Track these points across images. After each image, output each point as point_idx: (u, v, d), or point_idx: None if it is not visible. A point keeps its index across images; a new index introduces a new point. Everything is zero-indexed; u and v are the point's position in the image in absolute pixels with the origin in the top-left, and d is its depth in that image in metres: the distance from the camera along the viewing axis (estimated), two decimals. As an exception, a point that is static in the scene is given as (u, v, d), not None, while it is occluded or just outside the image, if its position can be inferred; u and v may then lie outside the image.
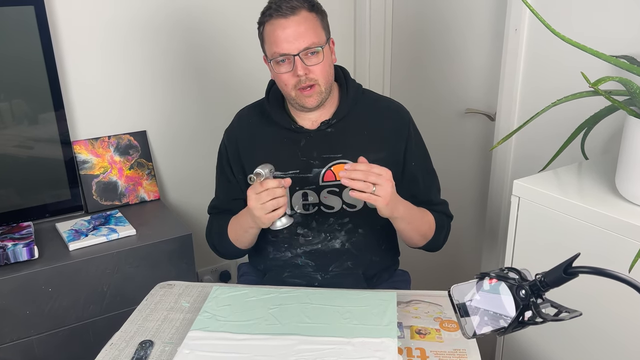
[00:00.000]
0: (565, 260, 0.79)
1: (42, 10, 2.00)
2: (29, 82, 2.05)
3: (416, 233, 1.55)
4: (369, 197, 1.32)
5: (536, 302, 0.81)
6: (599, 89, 1.14)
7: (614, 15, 1.62)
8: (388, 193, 1.33)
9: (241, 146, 1.61)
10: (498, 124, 2.05)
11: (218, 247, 1.67)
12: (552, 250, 1.39)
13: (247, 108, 1.69)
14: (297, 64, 1.43)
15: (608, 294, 1.27)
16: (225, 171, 1.66)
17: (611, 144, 1.69)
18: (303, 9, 1.43)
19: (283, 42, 1.42)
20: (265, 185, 1.35)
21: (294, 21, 1.42)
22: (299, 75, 1.44)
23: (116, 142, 2.31)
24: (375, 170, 1.32)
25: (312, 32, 1.44)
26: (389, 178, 1.34)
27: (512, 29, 1.90)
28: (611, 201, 1.31)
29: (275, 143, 1.57)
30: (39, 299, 1.87)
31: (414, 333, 1.31)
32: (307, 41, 1.43)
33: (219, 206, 1.69)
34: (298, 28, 1.42)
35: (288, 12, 1.42)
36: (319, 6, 1.50)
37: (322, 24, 1.49)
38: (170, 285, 1.56)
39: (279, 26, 1.43)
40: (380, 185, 1.31)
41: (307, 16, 1.44)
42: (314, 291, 1.46)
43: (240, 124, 1.65)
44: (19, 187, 2.11)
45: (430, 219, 1.58)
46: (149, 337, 1.32)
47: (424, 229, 1.56)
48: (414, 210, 1.51)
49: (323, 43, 1.46)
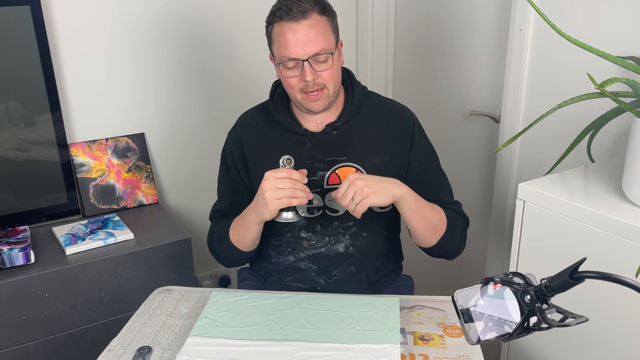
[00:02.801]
0: (571, 265, 0.79)
1: (38, 10, 2.01)
2: (25, 84, 2.06)
3: (426, 223, 1.50)
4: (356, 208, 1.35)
5: (541, 308, 0.81)
6: (605, 91, 1.14)
7: (621, 15, 1.62)
8: (370, 192, 1.34)
9: (246, 148, 1.61)
10: (502, 126, 2.06)
11: (218, 251, 1.65)
12: (558, 255, 1.39)
13: (250, 110, 1.69)
14: (305, 69, 1.43)
15: (615, 299, 1.27)
16: (231, 171, 1.65)
17: (618, 146, 1.69)
18: (314, 12, 1.42)
19: (293, 47, 1.41)
20: (290, 173, 1.35)
21: (305, 25, 1.40)
22: (307, 80, 1.43)
23: (114, 144, 2.31)
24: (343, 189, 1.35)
25: (323, 37, 1.42)
26: (351, 182, 1.35)
27: (517, 29, 1.91)
28: (618, 205, 1.31)
29: (279, 145, 1.57)
30: (35, 304, 1.88)
31: (417, 339, 1.31)
32: (317, 47, 1.41)
33: (222, 209, 1.68)
34: (309, 33, 1.41)
35: (299, 16, 1.40)
36: (330, 8, 1.48)
37: (332, 26, 1.47)
38: (169, 290, 1.56)
39: (289, 29, 1.41)
40: (357, 194, 1.34)
41: (319, 20, 1.42)
42: (315, 296, 1.46)
43: (245, 125, 1.65)
44: (15, 191, 2.12)
45: (440, 211, 1.53)
46: (147, 343, 1.33)
47: (433, 219, 1.50)
48: (421, 200, 1.48)
49: (333, 48, 1.45)
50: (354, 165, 1.55)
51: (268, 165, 1.48)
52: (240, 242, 1.57)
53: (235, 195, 1.66)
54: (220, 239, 1.62)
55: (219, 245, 1.63)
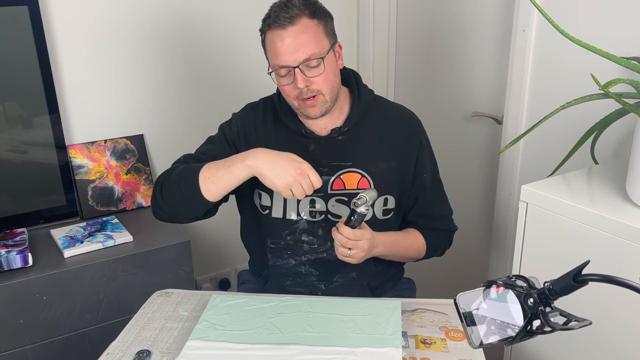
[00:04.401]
0: (574, 268, 0.79)
1: (36, 10, 2.01)
2: (23, 85, 2.06)
3: (400, 259, 1.66)
4: (343, 258, 1.44)
5: (545, 311, 0.81)
6: (609, 92, 1.14)
7: (625, 15, 1.62)
8: (359, 258, 1.44)
9: (251, 136, 1.58)
10: (505, 128, 2.06)
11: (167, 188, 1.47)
12: (561, 258, 1.39)
13: (261, 102, 1.65)
14: (297, 77, 1.42)
15: (619, 303, 1.27)
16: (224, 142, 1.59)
17: (622, 148, 1.69)
18: (303, 16, 1.40)
19: (282, 54, 1.41)
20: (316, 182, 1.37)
21: (293, 31, 1.40)
22: (299, 87, 1.43)
23: (112, 146, 2.32)
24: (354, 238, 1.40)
25: (313, 41, 1.41)
26: (364, 246, 1.42)
27: (520, 30, 1.91)
28: (622, 207, 1.31)
29: (284, 144, 1.56)
30: (33, 307, 1.88)
31: (419, 342, 1.31)
32: (306, 52, 1.41)
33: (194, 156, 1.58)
34: (297, 39, 1.40)
35: (286, 23, 1.39)
36: (322, 10, 1.46)
37: (325, 30, 1.45)
38: (168, 293, 1.56)
39: (277, 37, 1.41)
40: (354, 250, 1.42)
41: (308, 24, 1.41)
42: (316, 299, 1.46)
43: (256, 114, 1.62)
44: (13, 193, 2.12)
45: (419, 245, 1.64)
46: (146, 346, 1.33)
47: (409, 254, 1.65)
48: (397, 244, 1.59)
49: (325, 52, 1.43)
50: (358, 171, 1.55)
51: None
52: (211, 183, 1.40)
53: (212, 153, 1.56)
54: (182, 173, 1.45)
55: (175, 181, 1.45)
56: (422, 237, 1.64)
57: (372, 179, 1.55)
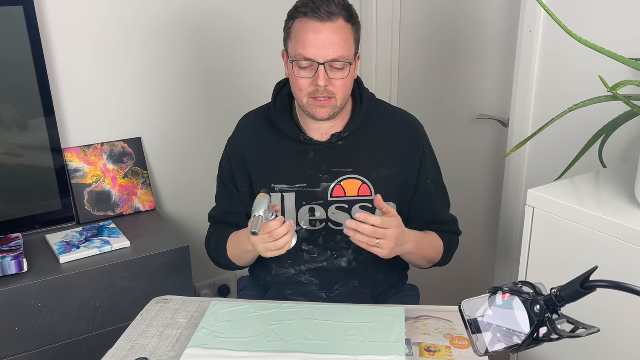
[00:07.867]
0: (582, 274, 0.79)
1: (31, 10, 2.02)
2: (18, 86, 2.06)
3: (423, 261, 1.62)
4: (370, 248, 1.37)
5: (552, 318, 0.81)
6: (617, 94, 1.14)
7: (633, 16, 1.62)
8: (390, 248, 1.39)
9: (247, 156, 1.61)
10: (511, 131, 2.06)
11: (216, 259, 1.69)
12: (569, 263, 1.39)
13: (251, 114, 1.68)
14: (320, 74, 1.42)
15: (627, 309, 1.27)
16: (228, 185, 1.65)
17: (630, 151, 1.69)
18: (341, 17, 1.41)
19: (312, 47, 1.40)
20: (266, 229, 1.35)
21: (329, 28, 1.40)
22: (318, 85, 1.43)
23: (109, 149, 2.32)
24: (384, 225, 1.35)
25: (345, 44, 1.42)
26: (393, 235, 1.37)
27: (527, 30, 1.91)
28: (630, 211, 1.31)
29: (281, 154, 1.57)
30: (28, 314, 1.88)
31: (423, 350, 1.31)
32: (337, 53, 1.41)
33: (218, 217, 1.69)
34: (331, 36, 1.40)
35: (325, 17, 1.39)
36: (357, 18, 1.47)
37: (355, 36, 1.47)
38: (167, 300, 1.56)
39: (311, 28, 1.40)
40: (384, 240, 1.36)
41: (344, 26, 1.42)
42: (317, 306, 1.46)
43: (245, 132, 1.65)
44: (7, 197, 2.12)
45: (439, 245, 1.62)
46: (144, 354, 1.33)
47: (431, 255, 1.61)
48: (422, 243, 1.55)
49: (352, 58, 1.45)
50: (359, 178, 1.55)
51: (270, 175, 1.48)
52: (237, 260, 1.63)
53: (229, 207, 1.66)
54: (217, 251, 1.67)
55: (217, 256, 1.68)
56: (440, 238, 1.63)
57: (373, 186, 1.55)
